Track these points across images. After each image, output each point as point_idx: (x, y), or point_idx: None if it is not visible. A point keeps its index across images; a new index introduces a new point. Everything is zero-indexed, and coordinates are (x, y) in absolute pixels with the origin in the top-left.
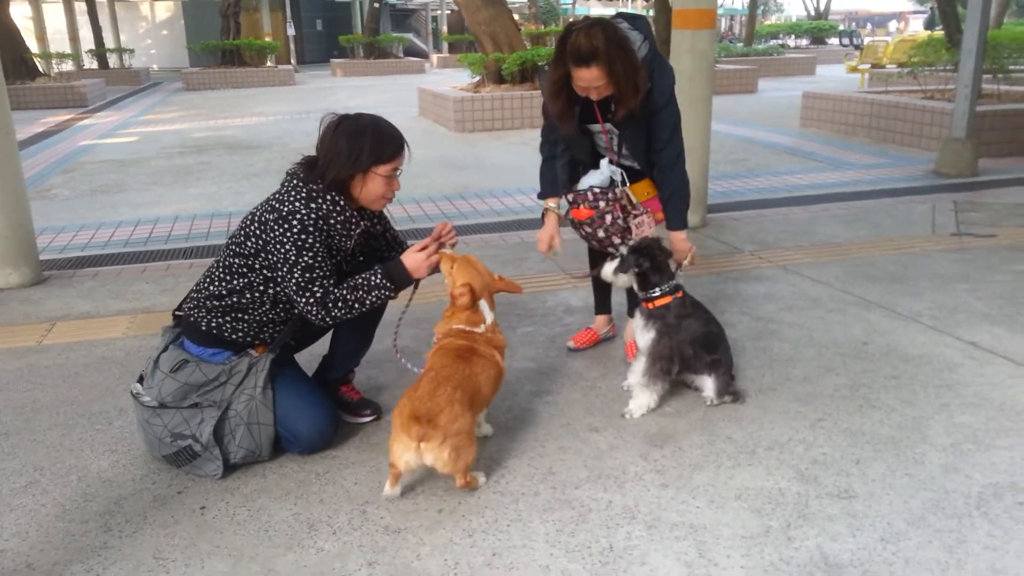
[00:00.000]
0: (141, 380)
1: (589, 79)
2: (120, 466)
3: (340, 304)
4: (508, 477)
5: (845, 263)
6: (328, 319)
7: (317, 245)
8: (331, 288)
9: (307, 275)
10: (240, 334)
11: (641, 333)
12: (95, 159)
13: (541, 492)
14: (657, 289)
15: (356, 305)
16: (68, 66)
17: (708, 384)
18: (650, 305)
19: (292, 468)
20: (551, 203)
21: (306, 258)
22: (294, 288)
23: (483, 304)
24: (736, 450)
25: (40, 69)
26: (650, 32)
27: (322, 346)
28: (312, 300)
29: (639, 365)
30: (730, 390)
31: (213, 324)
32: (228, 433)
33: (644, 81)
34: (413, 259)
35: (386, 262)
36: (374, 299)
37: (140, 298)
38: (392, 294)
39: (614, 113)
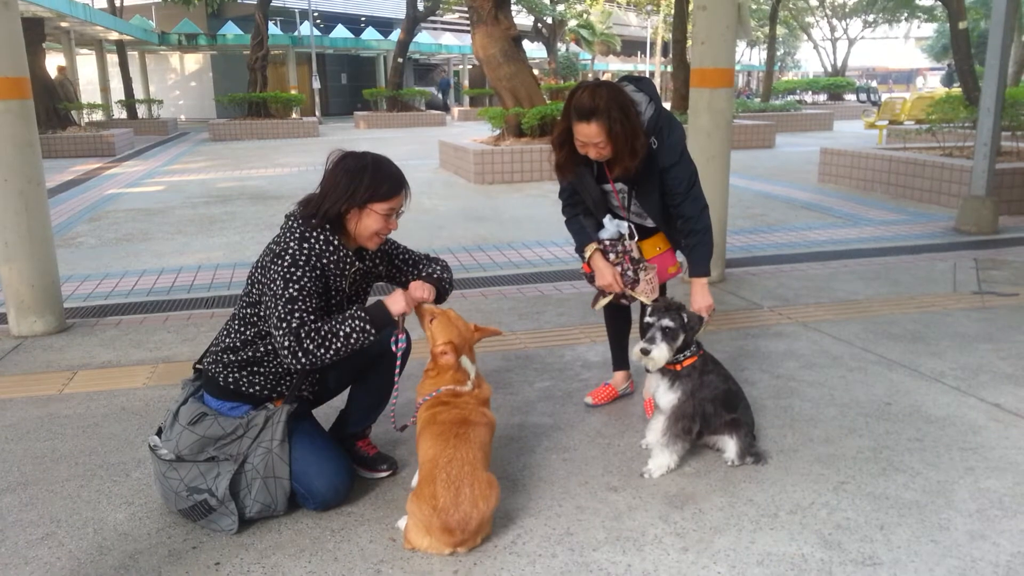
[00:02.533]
0: (159, 432)
1: (588, 135)
2: (136, 519)
3: (313, 335)
4: (524, 537)
5: (866, 320)
6: (300, 351)
7: (305, 279)
8: (308, 320)
9: (288, 307)
10: (257, 388)
11: (664, 394)
12: (121, 208)
13: (558, 554)
14: (688, 351)
15: (331, 338)
16: (98, 116)
17: (729, 445)
18: (677, 367)
19: (307, 524)
20: (591, 247)
21: (291, 290)
22: (275, 321)
23: (465, 360)
24: (758, 513)
25: (71, 119)
26: (656, 94)
27: (340, 400)
28: (287, 329)
29: (658, 424)
30: (752, 451)
31: (231, 379)
32: (244, 487)
33: (642, 147)
34: (393, 296)
35: (368, 307)
36: (349, 330)
37: (161, 348)
38: (370, 327)
39: (611, 171)
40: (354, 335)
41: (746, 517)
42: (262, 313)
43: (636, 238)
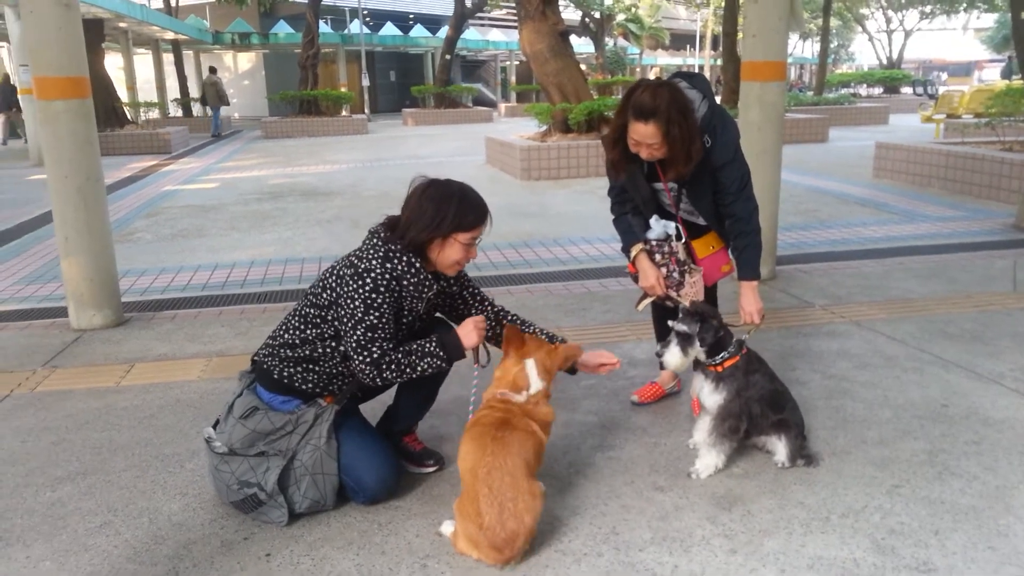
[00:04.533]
0: (215, 424)
1: (644, 134)
2: (190, 509)
3: (393, 367)
4: (570, 536)
5: (921, 320)
6: (379, 380)
7: (385, 306)
8: (388, 350)
9: (369, 334)
10: (310, 384)
11: (709, 396)
12: (177, 204)
13: (604, 553)
14: (725, 351)
15: (408, 370)
16: (154, 114)
17: (779, 447)
18: (719, 368)
19: (355, 517)
20: (636, 247)
21: (372, 317)
22: (353, 345)
23: (530, 366)
24: (808, 516)
25: (128, 117)
26: (709, 90)
27: (388, 394)
28: (368, 360)
29: (705, 424)
30: (803, 453)
31: (285, 373)
32: (293, 483)
33: (698, 152)
34: (464, 328)
35: (442, 336)
36: (426, 367)
37: (215, 341)
38: (445, 363)
39: (664, 174)
40: (429, 369)
41: (796, 520)
42: (329, 318)
43: (683, 239)
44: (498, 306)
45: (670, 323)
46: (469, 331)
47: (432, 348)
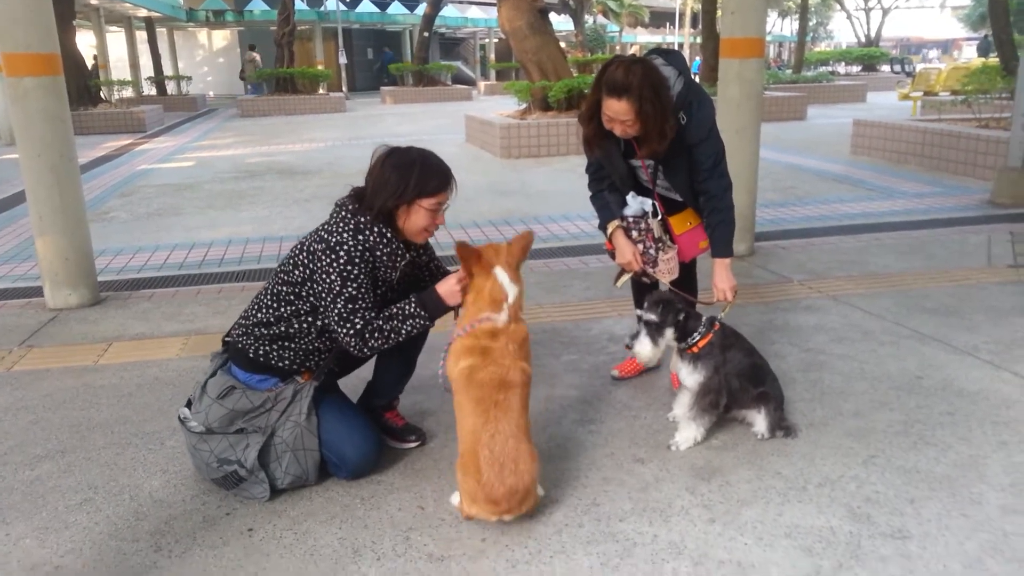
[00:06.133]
0: (189, 405)
1: (617, 111)
2: (171, 486)
3: (377, 334)
4: (551, 507)
5: (898, 294)
6: (366, 350)
7: (362, 277)
8: (372, 319)
9: (349, 306)
10: (287, 362)
11: (688, 376)
12: (152, 183)
13: (585, 524)
14: (696, 333)
15: (392, 335)
16: (128, 93)
17: (759, 419)
18: (694, 349)
19: (338, 492)
20: (613, 224)
21: (350, 289)
22: (335, 318)
23: (499, 273)
24: (786, 486)
25: (102, 96)
26: (685, 67)
27: (367, 370)
28: (352, 331)
29: (685, 398)
30: (782, 425)
31: (260, 352)
32: (275, 460)
33: (671, 129)
34: (446, 286)
35: (421, 296)
36: (410, 328)
37: (193, 320)
38: (428, 323)
39: (638, 151)
40: (414, 330)
41: (774, 490)
42: (303, 294)
43: (660, 216)
44: None
45: (638, 313)
46: (453, 290)
47: (413, 309)
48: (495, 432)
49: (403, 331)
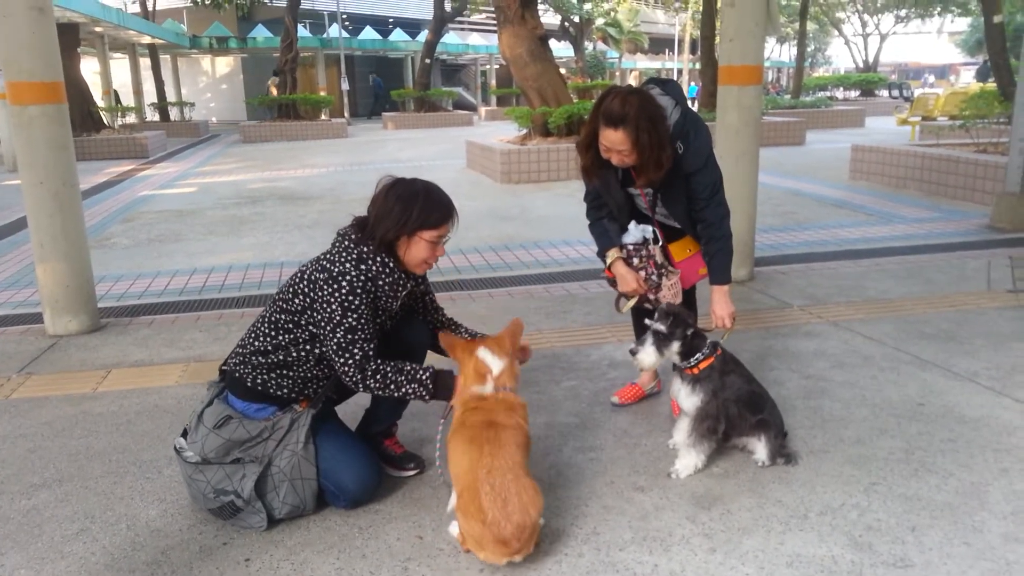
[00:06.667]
0: (185, 434)
1: (613, 141)
2: (168, 515)
3: (379, 377)
4: (550, 537)
5: (898, 320)
6: (361, 386)
7: (363, 307)
8: (370, 352)
9: (349, 336)
10: (285, 390)
11: (687, 398)
12: (154, 209)
13: (585, 554)
14: (699, 353)
15: (392, 387)
16: (131, 119)
17: (758, 447)
18: (694, 370)
19: (336, 521)
20: (612, 253)
21: (350, 319)
22: (334, 348)
23: (482, 352)
24: (787, 514)
25: (105, 122)
26: (682, 97)
27: (365, 398)
28: (351, 362)
29: (684, 424)
30: (783, 452)
31: (259, 380)
32: (272, 490)
33: (668, 159)
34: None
35: (439, 371)
36: (410, 391)
37: (193, 347)
38: (428, 398)
39: (636, 181)
40: (412, 395)
41: (775, 518)
42: (302, 323)
43: (661, 242)
44: (449, 316)
45: (647, 322)
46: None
47: (423, 378)
48: (492, 467)
49: (403, 390)
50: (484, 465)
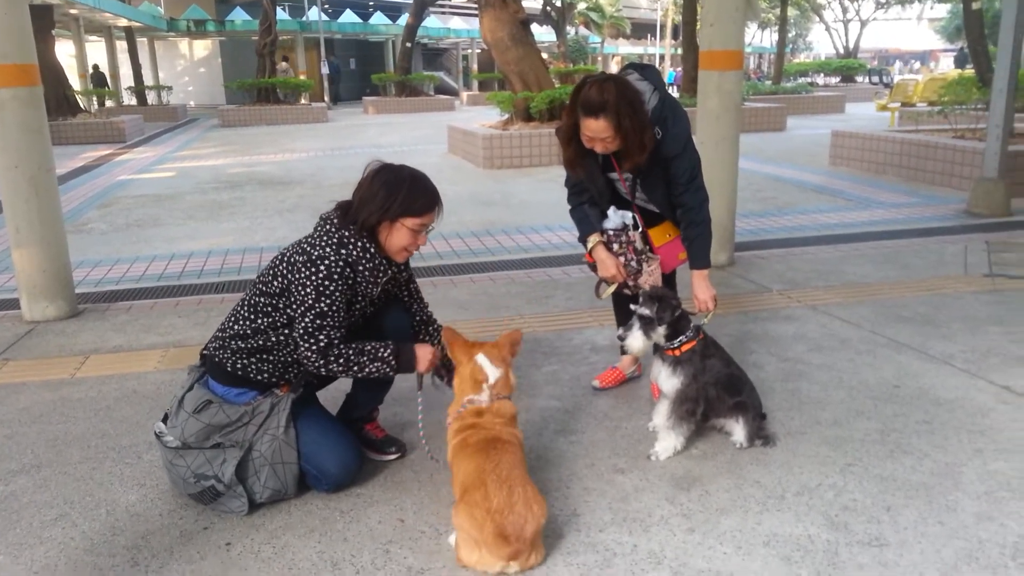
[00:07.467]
0: (165, 419)
1: (596, 130)
2: (148, 500)
3: (341, 360)
4: None
5: (875, 304)
6: (323, 370)
7: (337, 294)
8: (336, 341)
9: (318, 321)
10: (265, 375)
11: (667, 379)
12: (132, 194)
13: (565, 534)
14: (683, 336)
15: (355, 368)
16: (108, 103)
17: (737, 429)
18: (676, 352)
19: (317, 505)
20: (594, 238)
21: (322, 304)
22: (301, 331)
23: (481, 358)
24: (764, 495)
25: (81, 106)
26: (660, 82)
27: (346, 382)
28: (315, 347)
29: (664, 407)
30: (761, 434)
31: (239, 365)
32: (253, 474)
33: (651, 140)
34: (424, 350)
35: (401, 342)
36: (374, 369)
37: (172, 332)
38: (393, 373)
39: (620, 166)
40: (377, 373)
41: (752, 499)
42: (281, 306)
43: (640, 228)
44: (429, 312)
45: (632, 307)
46: (425, 356)
47: (385, 354)
48: (499, 462)
49: (367, 370)
50: (492, 461)
